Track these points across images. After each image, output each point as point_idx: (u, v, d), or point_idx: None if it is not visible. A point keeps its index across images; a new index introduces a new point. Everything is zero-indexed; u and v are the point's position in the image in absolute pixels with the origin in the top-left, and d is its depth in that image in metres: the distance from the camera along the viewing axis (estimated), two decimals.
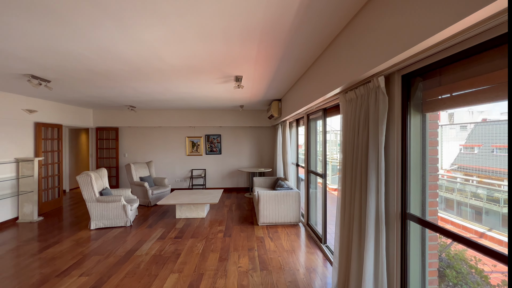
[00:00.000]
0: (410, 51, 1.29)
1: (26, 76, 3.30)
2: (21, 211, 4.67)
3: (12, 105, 4.47)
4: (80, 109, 6.33)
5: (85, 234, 3.98)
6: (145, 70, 3.12)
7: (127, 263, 2.99)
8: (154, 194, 5.62)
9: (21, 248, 3.46)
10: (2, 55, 2.52)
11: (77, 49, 2.40)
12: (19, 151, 4.72)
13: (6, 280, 2.65)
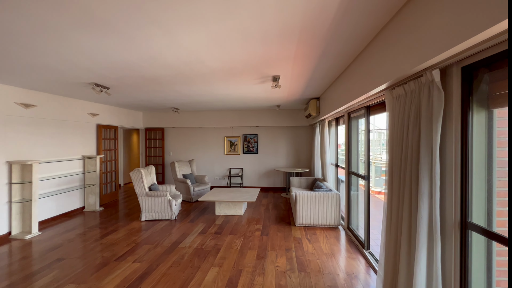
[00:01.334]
0: (475, 39, 1.13)
1: (91, 85, 3.79)
2: (86, 201, 5.39)
3: (80, 110, 5.18)
4: (132, 112, 7.04)
5: (137, 224, 4.41)
6: (187, 74, 3.33)
7: (173, 254, 3.24)
8: (196, 190, 5.95)
9: (87, 234, 3.99)
10: (74, 67, 2.94)
11: (131, 59, 2.67)
12: (85, 149, 5.45)
13: (77, 260, 3.09)
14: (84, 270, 2.84)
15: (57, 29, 1.97)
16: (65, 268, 2.89)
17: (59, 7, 1.66)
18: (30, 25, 1.89)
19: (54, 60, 2.68)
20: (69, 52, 2.46)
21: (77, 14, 1.74)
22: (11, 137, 3.94)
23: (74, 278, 2.68)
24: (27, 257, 3.19)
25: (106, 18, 1.81)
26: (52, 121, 4.66)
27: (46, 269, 2.87)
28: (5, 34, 2.05)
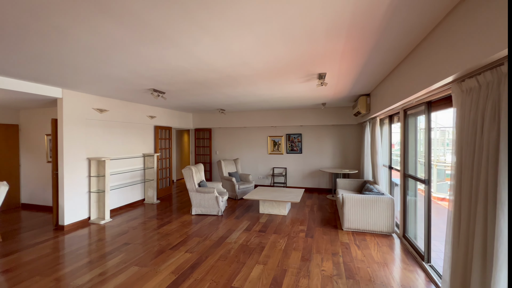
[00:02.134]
0: None
1: (150, 90, 4.24)
2: (146, 194, 6.06)
3: (141, 113, 5.85)
4: (184, 114, 7.64)
5: (188, 218, 4.77)
6: (233, 76, 3.45)
7: (220, 248, 3.41)
8: (240, 188, 6.15)
9: (147, 223, 4.49)
10: (137, 76, 3.33)
11: (183, 65, 2.90)
12: (144, 148, 6.13)
13: (139, 246, 3.50)
14: (145, 255, 3.20)
15: (125, 44, 2.27)
16: (130, 252, 3.31)
17: (127, 25, 1.90)
18: (104, 42, 2.21)
19: (122, 70, 3.08)
20: (133, 63, 2.79)
21: (141, 30, 1.97)
22: (90, 137, 4.68)
23: (137, 261, 3.04)
24: (102, 240, 3.75)
25: (164, 31, 2.01)
26: (119, 123, 5.37)
27: (115, 251, 3.33)
28: (85, 51, 2.44)
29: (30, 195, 5.57)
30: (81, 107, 4.42)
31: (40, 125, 5.40)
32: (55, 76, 3.33)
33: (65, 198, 4.20)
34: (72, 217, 4.32)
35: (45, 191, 5.37)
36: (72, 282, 2.60)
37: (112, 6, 1.64)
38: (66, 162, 4.21)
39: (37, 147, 5.45)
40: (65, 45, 2.27)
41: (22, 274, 2.79)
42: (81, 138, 4.45)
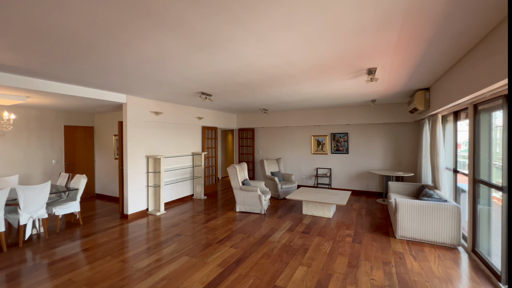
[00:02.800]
0: None
1: (198, 93, 4.54)
2: (194, 190, 6.51)
3: (190, 115, 6.31)
4: (228, 115, 7.96)
5: (232, 214, 4.96)
6: (276, 76, 3.46)
7: (263, 246, 3.46)
8: (283, 188, 6.13)
9: (195, 217, 4.82)
10: (187, 80, 3.60)
11: (229, 68, 3.02)
12: (193, 147, 6.58)
13: (188, 238, 3.78)
14: (194, 247, 3.45)
15: (178, 53, 2.47)
16: (181, 243, 3.60)
17: (180, 36, 2.07)
18: (161, 52, 2.45)
19: (175, 76, 3.37)
20: (184, 69, 3.03)
21: (192, 38, 2.13)
22: (148, 137, 5.23)
23: (188, 252, 3.29)
24: (158, 229, 4.16)
25: (213, 38, 2.13)
26: (172, 125, 5.87)
27: (169, 241, 3.66)
28: (145, 61, 2.73)
29: (102, 187, 6.51)
30: (141, 110, 4.99)
31: (109, 127, 6.26)
32: (121, 84, 3.82)
33: (129, 190, 4.79)
34: (134, 208, 4.90)
35: (113, 184, 6.21)
36: (135, 265, 2.96)
37: (169, 19, 1.80)
38: (130, 159, 4.79)
39: (107, 145, 6.33)
40: (129, 57, 2.59)
41: (97, 253, 3.28)
42: (140, 138, 5.02)
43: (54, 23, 1.85)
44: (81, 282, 2.61)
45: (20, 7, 1.63)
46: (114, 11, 1.70)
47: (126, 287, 2.51)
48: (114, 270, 2.84)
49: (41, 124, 5.57)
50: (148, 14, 1.75)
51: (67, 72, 3.10)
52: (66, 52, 2.43)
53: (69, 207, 4.20)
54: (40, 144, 5.55)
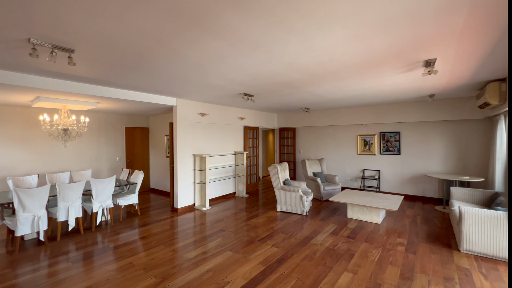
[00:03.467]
0: None
1: (241, 94, 4.67)
2: (237, 188, 6.72)
3: (232, 115, 6.53)
4: (269, 114, 8.00)
5: (273, 214, 4.98)
6: (319, 74, 3.35)
7: (305, 248, 3.39)
8: (326, 190, 5.91)
9: (238, 214, 4.97)
10: (231, 82, 3.74)
11: (271, 68, 3.04)
12: (235, 146, 6.81)
13: (231, 234, 3.93)
14: (237, 243, 3.56)
15: (223, 56, 2.59)
16: (225, 238, 3.76)
17: (225, 40, 2.16)
18: (208, 57, 2.59)
19: (220, 79, 3.53)
20: (228, 71, 3.15)
21: (237, 42, 2.20)
22: (195, 137, 5.59)
23: (231, 247, 3.42)
24: (203, 224, 4.42)
25: (256, 40, 2.17)
26: (216, 125, 6.17)
27: (214, 236, 3.86)
28: (193, 67, 2.93)
29: (155, 182, 7.20)
30: (188, 112, 5.36)
31: (162, 128, 6.88)
32: (171, 89, 4.17)
33: (178, 186, 5.19)
34: (183, 202, 5.29)
35: (165, 179, 6.81)
36: (184, 255, 3.20)
37: (215, 26, 1.90)
38: (179, 157, 5.19)
39: (159, 145, 6.97)
40: (179, 63, 2.81)
41: (152, 242, 3.64)
42: (188, 138, 5.39)
43: (118, 37, 2.11)
44: (139, 266, 2.93)
45: (97, 24, 1.90)
46: (166, 22, 1.86)
47: (177, 275, 2.73)
48: (166, 258, 3.12)
49: (108, 126, 6.42)
50: (196, 23, 1.87)
51: (126, 79, 3.51)
52: (127, 62, 2.75)
53: (130, 199, 4.75)
54: (107, 143, 6.41)
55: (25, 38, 2.10)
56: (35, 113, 5.14)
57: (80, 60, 2.67)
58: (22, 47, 2.29)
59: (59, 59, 2.58)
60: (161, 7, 1.65)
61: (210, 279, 2.65)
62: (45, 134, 5.27)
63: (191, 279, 2.65)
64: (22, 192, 3.31)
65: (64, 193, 3.72)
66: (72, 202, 3.82)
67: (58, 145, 5.49)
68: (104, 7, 1.64)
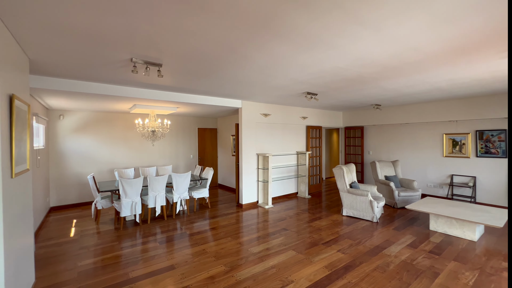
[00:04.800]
0: None
1: (304, 94, 4.60)
2: (299, 188, 6.65)
3: (295, 115, 6.49)
4: (333, 113, 7.60)
5: (338, 217, 4.71)
6: (395, 66, 2.99)
7: (376, 258, 3.09)
8: (401, 196, 5.24)
9: (300, 215, 4.92)
10: (294, 82, 3.73)
11: (337, 65, 2.89)
12: (297, 146, 6.74)
13: (294, 234, 3.91)
14: (300, 243, 3.53)
15: (286, 57, 2.61)
16: (288, 237, 3.77)
17: (289, 41, 2.17)
18: (272, 59, 2.66)
19: (283, 80, 3.57)
20: (291, 71, 3.15)
21: (300, 41, 2.19)
22: (258, 136, 5.81)
23: (294, 247, 3.42)
24: (266, 221, 4.55)
25: (321, 37, 2.10)
26: (278, 125, 6.25)
27: (277, 234, 3.93)
28: (258, 70, 3.04)
29: (222, 178, 7.81)
30: (253, 113, 5.60)
31: (228, 128, 7.40)
32: (238, 92, 4.44)
33: (243, 183, 5.50)
34: (247, 199, 5.57)
35: (231, 176, 7.31)
36: (249, 249, 3.37)
37: (281, 29, 1.94)
38: (244, 156, 5.49)
39: (226, 144, 7.52)
40: (246, 68, 2.97)
41: (220, 233, 3.97)
42: (252, 138, 5.64)
43: (196, 49, 2.39)
44: (211, 254, 3.24)
45: (181, 41, 2.21)
46: (237, 31, 2.00)
47: (243, 266, 2.91)
48: (234, 250, 3.36)
49: (184, 128, 7.32)
50: (264, 28, 1.95)
51: (200, 85, 3.92)
52: (201, 70, 3.08)
53: (202, 193, 5.30)
54: (183, 142, 7.30)
55: (128, 58, 2.60)
56: (132, 118, 6.30)
57: (165, 72, 3.13)
58: (126, 66, 2.84)
59: (150, 73, 3.10)
60: (235, 19, 1.79)
61: (274, 275, 2.72)
62: (138, 135, 6.40)
63: (256, 272, 2.78)
64: (125, 182, 4.12)
65: (152, 184, 4.44)
66: (158, 192, 4.52)
67: (148, 144, 6.58)
68: (189, 26, 1.89)
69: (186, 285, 2.54)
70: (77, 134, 5.68)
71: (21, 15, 1.72)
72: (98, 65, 2.82)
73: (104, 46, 2.27)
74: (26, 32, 1.97)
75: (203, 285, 2.54)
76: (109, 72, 3.11)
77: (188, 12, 1.72)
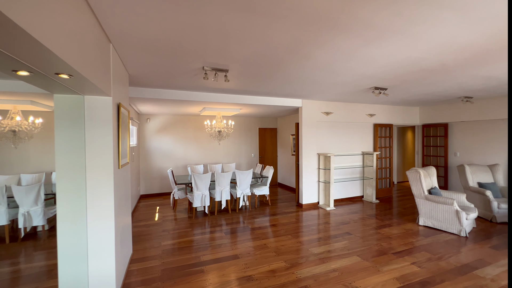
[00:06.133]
0: None
1: (371, 89, 4.24)
2: (364, 192, 6.15)
3: (360, 112, 6.03)
4: (407, 109, 6.72)
5: (413, 227, 4.16)
6: (491, 50, 2.46)
7: (463, 278, 2.62)
8: (502, 208, 4.25)
9: (366, 220, 4.55)
10: (359, 77, 3.49)
11: (412, 55, 2.56)
12: (363, 146, 6.23)
13: (359, 239, 3.66)
14: (366, 250, 3.28)
15: (350, 52, 2.47)
16: (352, 242, 3.56)
17: (352, 34, 2.06)
18: (335, 56, 2.56)
19: (346, 76, 3.38)
20: (356, 66, 2.96)
21: (365, 33, 2.04)
22: (318, 136, 5.64)
23: (358, 253, 3.21)
24: (327, 223, 4.39)
25: (390, 27, 1.92)
26: (341, 123, 5.92)
27: (339, 237, 3.75)
28: (320, 68, 2.97)
29: (282, 177, 7.89)
30: (313, 112, 5.48)
31: (288, 128, 7.43)
32: (298, 91, 4.42)
33: (303, 183, 5.44)
34: (307, 199, 5.49)
35: (290, 176, 7.31)
36: (309, 249, 3.33)
37: (344, 23, 1.87)
38: (304, 155, 5.43)
39: (286, 144, 7.57)
40: (307, 67, 2.95)
41: (280, 230, 4.04)
42: (312, 137, 5.52)
43: (259, 53, 2.51)
44: (271, 249, 3.35)
45: (246, 47, 2.38)
46: (300, 32, 2.02)
47: (304, 265, 2.91)
48: (294, 248, 3.38)
49: (246, 128, 7.71)
50: (327, 26, 1.91)
51: (261, 87, 4.08)
52: (263, 72, 3.21)
53: (262, 190, 5.49)
54: (245, 142, 7.70)
55: (200, 67, 2.94)
56: (201, 119, 7.02)
57: (231, 77, 3.40)
58: (198, 73, 3.21)
59: (218, 78, 3.42)
60: (298, 20, 1.82)
61: (336, 278, 2.62)
62: (207, 135, 7.09)
63: (317, 273, 2.74)
64: (196, 176, 4.64)
65: (219, 180, 4.86)
66: (224, 187, 4.92)
67: (215, 142, 7.22)
68: (252, 32, 2.02)
69: (249, 275, 2.70)
70: (159, 134, 6.69)
71: (126, 41, 2.17)
72: (177, 74, 3.27)
73: (182, 58, 2.64)
74: (128, 53, 2.46)
75: (265, 277, 2.66)
76: (185, 80, 3.58)
77: (253, 21, 1.84)
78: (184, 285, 2.54)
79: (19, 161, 5.20)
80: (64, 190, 2.09)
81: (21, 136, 4.71)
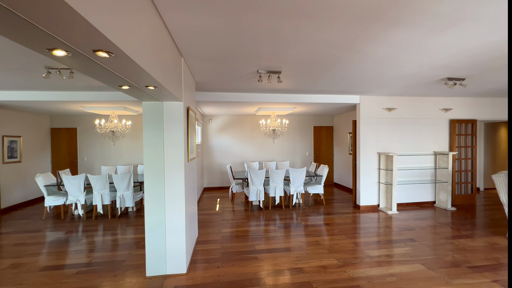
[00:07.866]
0: None
1: (443, 80, 3.74)
2: (437, 197, 5.41)
3: (431, 107, 5.33)
4: (497, 101, 5.57)
5: (501, 241, 3.50)
6: None
7: None
8: None
9: (437, 228, 4.04)
10: (426, 69, 3.15)
11: (492, 39, 2.21)
12: (436, 145, 5.48)
13: (425, 247, 3.30)
14: (433, 260, 2.96)
15: (411, 43, 2.30)
16: (416, 249, 3.25)
17: (413, 26, 1.93)
18: (392, 48, 2.42)
19: (410, 68, 3.11)
20: (421, 58, 2.70)
21: (428, 23, 1.89)
22: (379, 134, 5.25)
23: (423, 261, 2.92)
24: (389, 227, 4.08)
25: (457, 13, 1.74)
26: (406, 120, 5.35)
27: (401, 242, 3.47)
28: (376, 62, 2.83)
29: (338, 177, 7.59)
30: (373, 108, 5.13)
31: (345, 126, 7.11)
32: (354, 87, 4.24)
33: (361, 184, 5.16)
34: (365, 201, 5.18)
35: (347, 176, 6.99)
36: (366, 251, 3.21)
37: (400, 16, 1.79)
38: (362, 155, 5.14)
39: (342, 142, 7.25)
40: (362, 62, 2.85)
41: (335, 230, 3.98)
42: (372, 135, 5.17)
43: (310, 54, 2.58)
44: (324, 247, 3.36)
45: (297, 49, 2.49)
46: (349, 29, 2.02)
47: (357, 266, 2.84)
48: (347, 248, 3.31)
49: (300, 126, 7.71)
50: (378, 21, 1.86)
51: (315, 85, 4.08)
52: (315, 71, 3.24)
53: (316, 189, 5.45)
54: (299, 140, 7.71)
55: (255, 70, 3.18)
56: (257, 119, 7.38)
57: (284, 78, 3.54)
58: (253, 76, 3.47)
59: (272, 80, 3.61)
60: (346, 19, 1.85)
61: (393, 283, 2.48)
62: (262, 134, 7.40)
63: (372, 275, 2.64)
64: (252, 172, 4.96)
65: (273, 176, 5.07)
66: (278, 183, 5.11)
67: (269, 141, 7.48)
68: (303, 34, 2.13)
69: (300, 267, 2.81)
70: (219, 133, 7.34)
71: (194, 54, 2.56)
72: (234, 78, 3.61)
73: (238, 63, 2.92)
74: (195, 63, 2.88)
75: (316, 271, 2.72)
76: (241, 83, 3.90)
77: (302, 25, 1.94)
78: (241, 268, 2.82)
79: (116, 155, 6.57)
80: (150, 178, 2.62)
81: (117, 136, 5.94)
